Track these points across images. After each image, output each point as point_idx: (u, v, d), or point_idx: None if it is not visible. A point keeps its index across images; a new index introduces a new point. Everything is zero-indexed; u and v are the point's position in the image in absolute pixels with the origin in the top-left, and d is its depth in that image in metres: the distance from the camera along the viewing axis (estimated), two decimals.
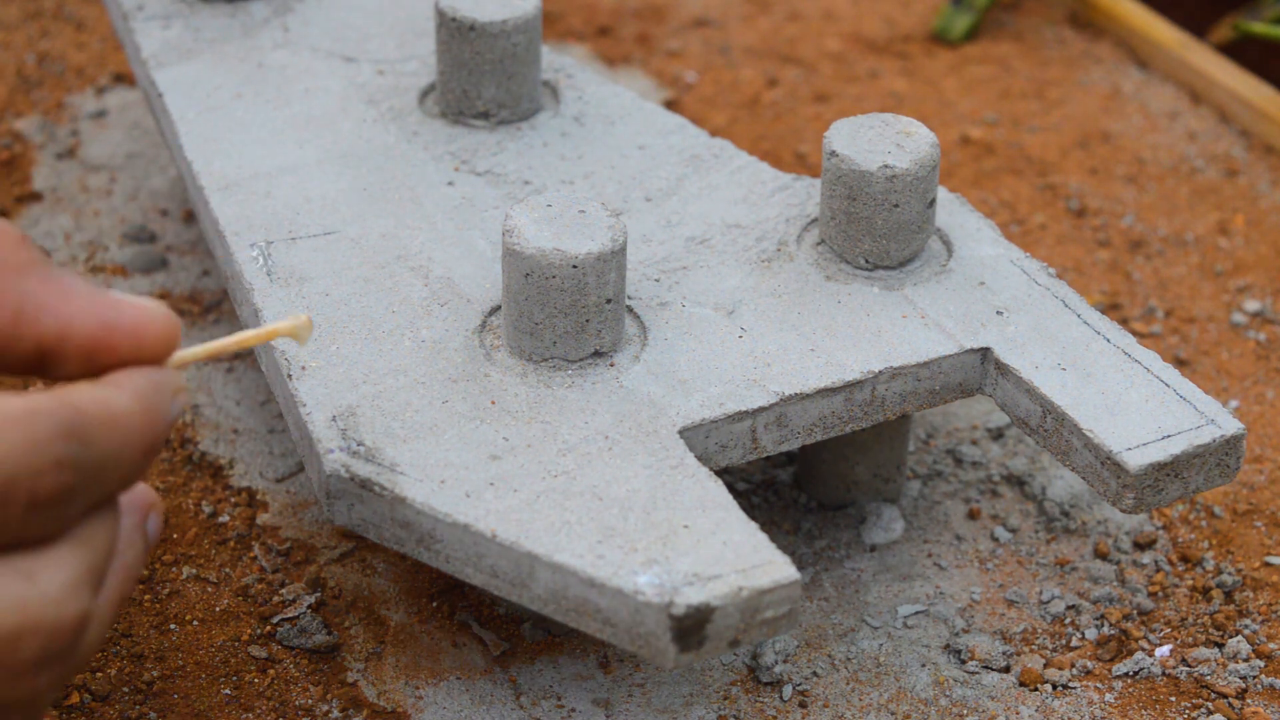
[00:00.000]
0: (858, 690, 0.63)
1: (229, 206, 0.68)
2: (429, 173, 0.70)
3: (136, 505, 0.50)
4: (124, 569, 0.49)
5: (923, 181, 0.64)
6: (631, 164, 0.71)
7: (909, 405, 0.63)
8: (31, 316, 0.46)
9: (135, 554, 0.49)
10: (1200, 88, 0.95)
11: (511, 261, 0.60)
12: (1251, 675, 0.64)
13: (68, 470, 0.44)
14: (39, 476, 0.44)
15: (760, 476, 0.72)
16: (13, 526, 0.44)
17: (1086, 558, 0.69)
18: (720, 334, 0.63)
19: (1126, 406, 0.61)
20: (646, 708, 0.62)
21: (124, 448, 0.46)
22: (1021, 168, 0.90)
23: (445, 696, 0.62)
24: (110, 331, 0.47)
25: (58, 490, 0.44)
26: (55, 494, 0.44)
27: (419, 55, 0.76)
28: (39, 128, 0.90)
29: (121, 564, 0.49)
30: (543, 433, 0.59)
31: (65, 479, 0.44)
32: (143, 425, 0.46)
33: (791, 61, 0.98)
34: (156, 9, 0.79)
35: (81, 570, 0.45)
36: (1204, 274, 0.83)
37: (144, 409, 0.47)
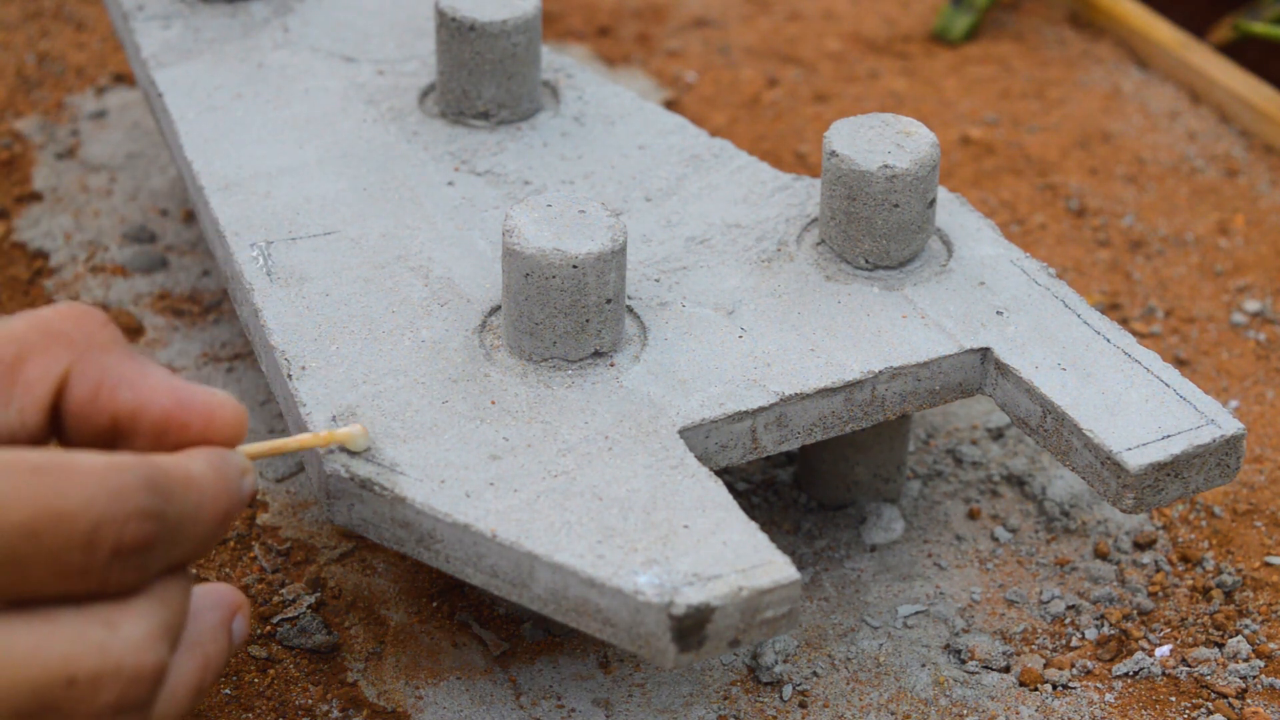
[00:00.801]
0: (858, 690, 0.63)
1: (229, 206, 0.68)
2: (429, 173, 0.70)
3: (223, 603, 0.52)
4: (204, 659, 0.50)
5: (923, 181, 0.64)
6: (631, 164, 0.71)
7: (909, 405, 0.63)
8: (110, 390, 0.49)
9: (219, 649, 0.51)
10: (1200, 88, 0.95)
11: (511, 261, 0.60)
12: (1251, 675, 0.64)
13: (151, 521, 0.46)
14: (125, 524, 0.45)
15: (760, 476, 0.72)
16: (97, 574, 0.45)
17: (1086, 558, 0.69)
18: (720, 334, 0.63)
19: (1126, 406, 0.61)
20: (646, 708, 0.62)
21: (200, 509, 0.48)
22: (1021, 168, 0.90)
23: (445, 696, 0.62)
24: (183, 410, 0.49)
25: (141, 540, 0.46)
26: (139, 544, 0.46)
27: (419, 55, 0.76)
28: (39, 128, 0.90)
29: (203, 654, 0.50)
30: (543, 433, 0.59)
31: (148, 529, 0.46)
32: (216, 492, 0.49)
33: (791, 61, 0.98)
34: (156, 9, 0.79)
35: (159, 624, 0.47)
36: (1204, 274, 0.83)
37: (217, 477, 0.49)
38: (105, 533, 0.45)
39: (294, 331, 0.62)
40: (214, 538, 0.49)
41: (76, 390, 0.48)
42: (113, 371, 0.49)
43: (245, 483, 0.50)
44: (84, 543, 0.45)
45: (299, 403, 0.59)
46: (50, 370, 0.48)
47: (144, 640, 0.46)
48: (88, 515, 0.45)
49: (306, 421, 0.59)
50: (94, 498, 0.45)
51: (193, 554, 0.49)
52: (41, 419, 0.48)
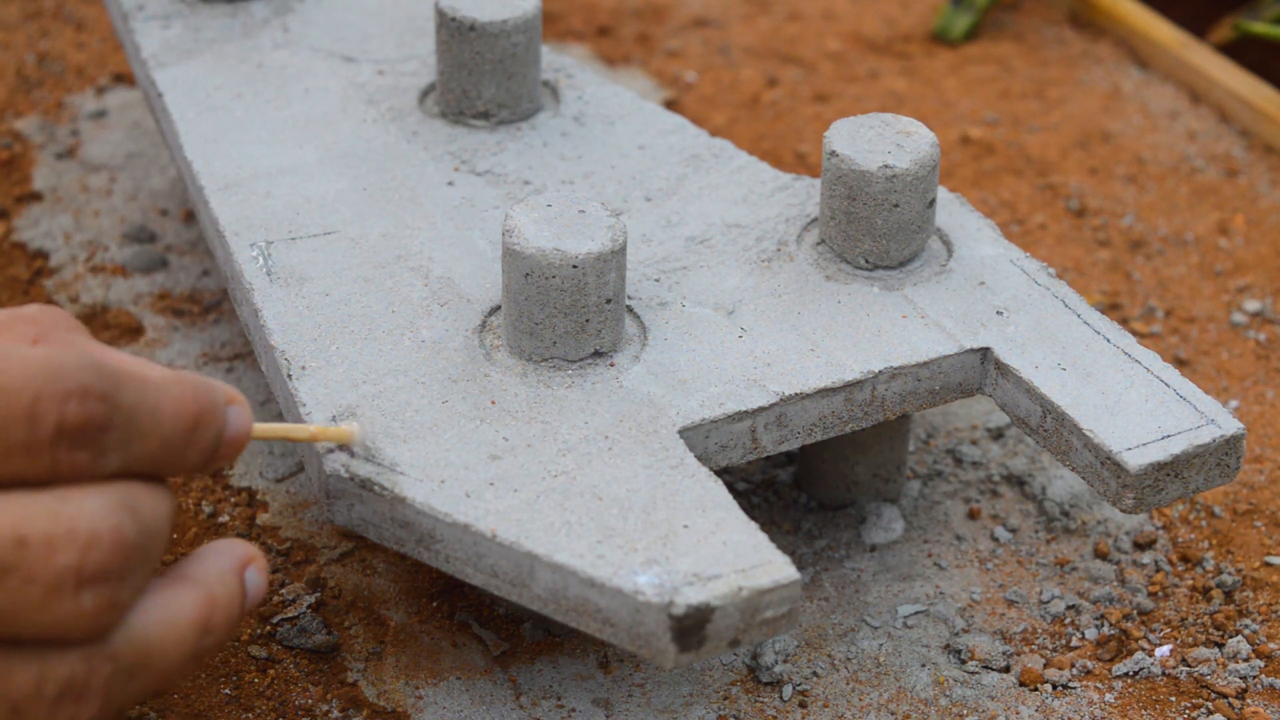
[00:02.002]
0: (858, 690, 0.63)
1: (229, 206, 0.68)
2: (429, 173, 0.70)
3: (232, 552, 0.51)
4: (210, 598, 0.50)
5: (923, 181, 0.64)
6: (631, 164, 0.71)
7: (909, 405, 0.63)
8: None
9: (227, 592, 0.50)
10: (1200, 88, 0.95)
11: (511, 261, 0.60)
12: (1251, 675, 0.64)
13: (96, 402, 0.46)
14: (66, 400, 0.45)
15: (760, 476, 0.72)
16: (44, 453, 0.45)
17: (1086, 558, 0.69)
18: (720, 334, 0.63)
19: (1126, 406, 0.61)
20: (646, 708, 0.62)
21: (158, 407, 0.48)
22: (1021, 168, 0.90)
23: (445, 696, 0.62)
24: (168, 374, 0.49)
25: (86, 420, 0.46)
26: (84, 423, 0.46)
27: (419, 55, 0.76)
28: (39, 128, 0.90)
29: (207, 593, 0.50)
30: (543, 433, 0.59)
31: (94, 410, 0.46)
32: (180, 396, 0.48)
33: (791, 61, 0.98)
34: (156, 9, 0.79)
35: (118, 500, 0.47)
36: (1204, 274, 0.83)
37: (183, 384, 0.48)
38: (46, 407, 0.45)
39: (294, 331, 0.62)
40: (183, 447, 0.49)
41: None
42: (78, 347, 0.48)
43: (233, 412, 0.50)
44: (25, 417, 0.45)
45: (299, 403, 0.59)
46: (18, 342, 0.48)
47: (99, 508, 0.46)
48: (28, 389, 0.45)
49: (307, 422, 0.59)
50: (34, 374, 0.45)
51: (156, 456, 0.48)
52: None
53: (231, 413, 0.50)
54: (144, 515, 0.47)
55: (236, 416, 0.50)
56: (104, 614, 0.46)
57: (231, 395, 0.50)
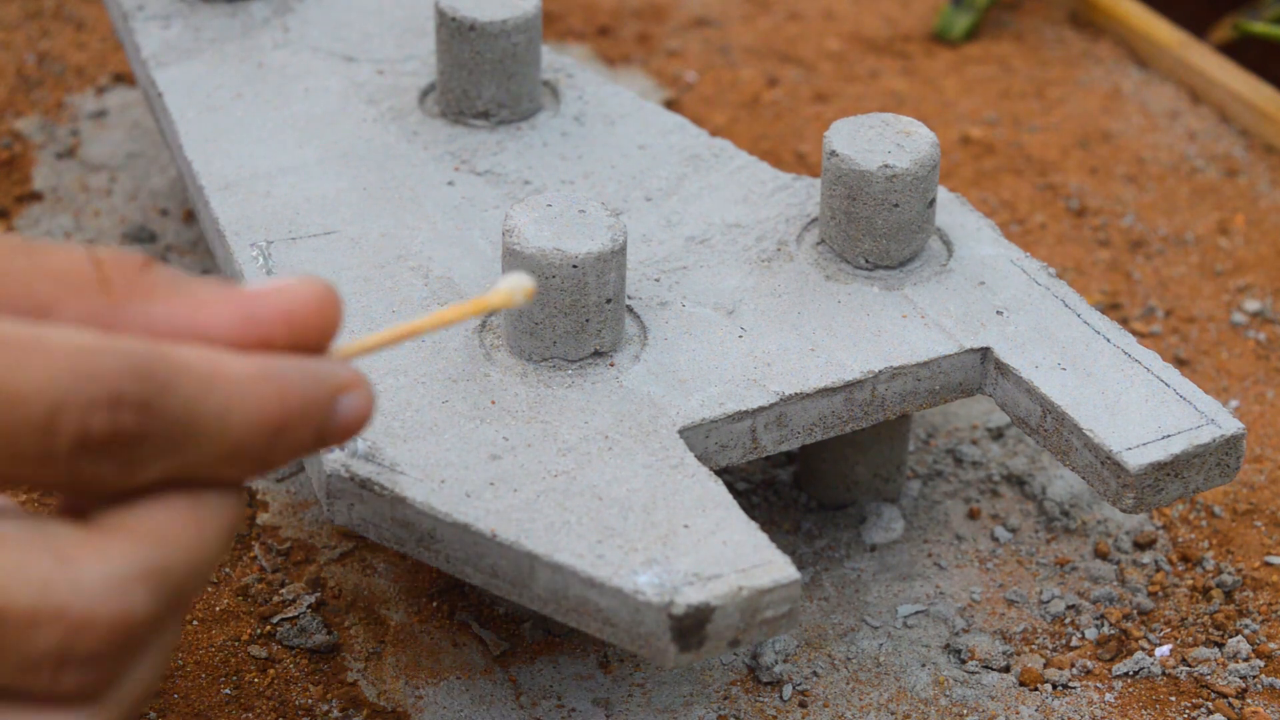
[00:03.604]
0: (858, 690, 0.63)
1: (229, 206, 0.68)
2: (429, 172, 0.70)
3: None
4: None
5: (923, 181, 0.64)
6: (631, 164, 0.71)
7: (909, 405, 0.63)
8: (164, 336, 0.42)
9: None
10: (1200, 88, 0.95)
11: (511, 261, 0.60)
12: (1251, 675, 0.64)
13: (130, 410, 0.39)
14: (91, 410, 0.39)
15: (760, 476, 0.72)
16: (60, 465, 0.39)
17: (1086, 558, 0.69)
18: (720, 334, 0.63)
19: (1126, 406, 0.61)
20: (646, 708, 0.62)
21: (227, 413, 0.41)
22: (1021, 167, 0.90)
23: (445, 696, 0.62)
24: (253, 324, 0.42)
25: (115, 432, 0.39)
26: (112, 436, 0.39)
27: (419, 55, 0.76)
28: (39, 128, 0.90)
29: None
30: (543, 432, 0.59)
31: (127, 421, 0.39)
32: (263, 399, 0.41)
33: (791, 61, 0.98)
34: (156, 9, 0.79)
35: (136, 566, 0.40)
36: (1204, 274, 0.83)
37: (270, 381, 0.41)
38: (66, 418, 0.39)
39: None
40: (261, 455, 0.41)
41: None
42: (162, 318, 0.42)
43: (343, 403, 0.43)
44: (40, 427, 0.39)
45: None
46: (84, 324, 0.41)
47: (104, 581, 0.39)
48: (45, 396, 0.39)
49: None
50: (57, 377, 0.39)
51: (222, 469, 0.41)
52: None
53: (343, 404, 0.43)
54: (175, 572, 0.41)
55: (349, 405, 0.43)
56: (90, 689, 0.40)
57: (346, 383, 0.43)
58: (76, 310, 0.42)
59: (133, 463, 0.40)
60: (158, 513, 0.41)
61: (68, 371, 0.39)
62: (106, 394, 0.39)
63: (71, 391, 0.39)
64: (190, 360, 0.41)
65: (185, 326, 0.42)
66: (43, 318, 0.41)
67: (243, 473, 0.42)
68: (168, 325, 0.42)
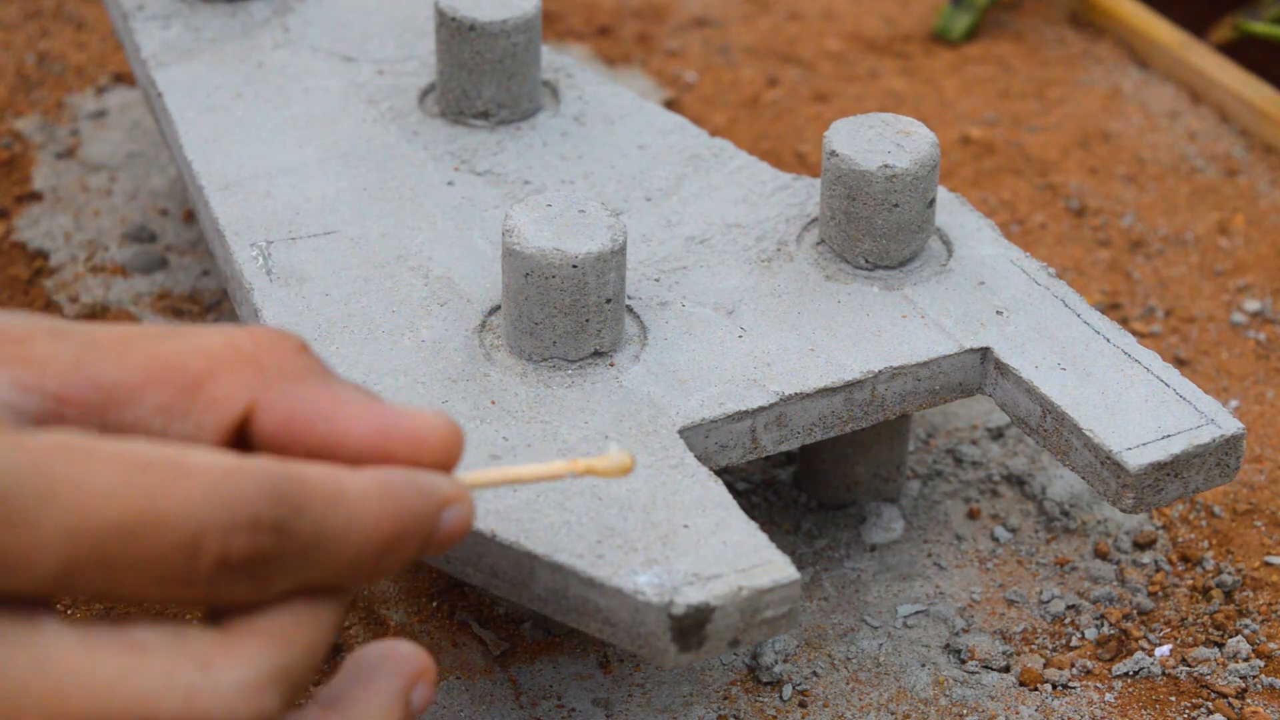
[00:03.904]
0: (858, 690, 0.63)
1: (229, 206, 0.68)
2: (429, 172, 0.70)
3: (405, 670, 0.46)
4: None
5: (923, 181, 0.64)
6: (631, 164, 0.71)
7: (909, 405, 0.63)
8: (304, 423, 0.45)
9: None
10: (1200, 88, 0.95)
11: (511, 261, 0.60)
12: (1251, 675, 0.64)
13: (267, 534, 0.42)
14: (232, 534, 0.41)
15: (760, 476, 0.72)
16: (201, 584, 0.41)
17: (1086, 558, 0.69)
18: (720, 334, 0.63)
19: (1126, 406, 0.61)
20: (646, 708, 0.62)
21: (348, 531, 0.43)
22: (1021, 168, 0.90)
23: (445, 696, 0.62)
24: (386, 439, 0.45)
25: (254, 554, 0.42)
26: (250, 557, 0.42)
27: (419, 55, 0.76)
28: (39, 128, 0.90)
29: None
30: (543, 432, 0.59)
31: (263, 543, 0.42)
32: (379, 516, 0.44)
33: (791, 61, 0.98)
34: (156, 9, 0.79)
35: (267, 669, 0.42)
36: (1204, 274, 0.83)
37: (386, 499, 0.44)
38: (209, 542, 0.41)
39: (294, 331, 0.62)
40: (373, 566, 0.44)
41: (265, 421, 0.45)
42: (307, 403, 0.45)
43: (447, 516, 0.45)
44: (185, 550, 0.41)
45: None
46: (237, 394, 0.44)
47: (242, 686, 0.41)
48: (190, 521, 0.41)
49: None
50: (201, 502, 0.41)
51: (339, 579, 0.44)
52: (220, 441, 0.45)
53: (446, 517, 0.45)
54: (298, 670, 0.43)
55: (452, 518, 0.46)
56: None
57: (450, 497, 0.46)
58: (227, 385, 0.44)
59: (266, 579, 0.42)
60: (283, 616, 0.43)
61: (210, 496, 0.41)
62: (246, 518, 0.41)
63: (214, 516, 0.41)
64: (316, 481, 0.43)
65: (325, 422, 0.45)
66: (196, 392, 0.44)
67: (355, 580, 0.44)
68: (310, 414, 0.45)
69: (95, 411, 0.44)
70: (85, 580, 0.41)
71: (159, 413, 0.44)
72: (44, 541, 0.40)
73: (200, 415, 0.44)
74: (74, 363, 0.44)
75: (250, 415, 0.45)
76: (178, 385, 0.44)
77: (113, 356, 0.44)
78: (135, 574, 0.41)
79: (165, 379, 0.44)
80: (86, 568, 0.41)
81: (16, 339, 0.44)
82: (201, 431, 0.44)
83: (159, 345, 0.45)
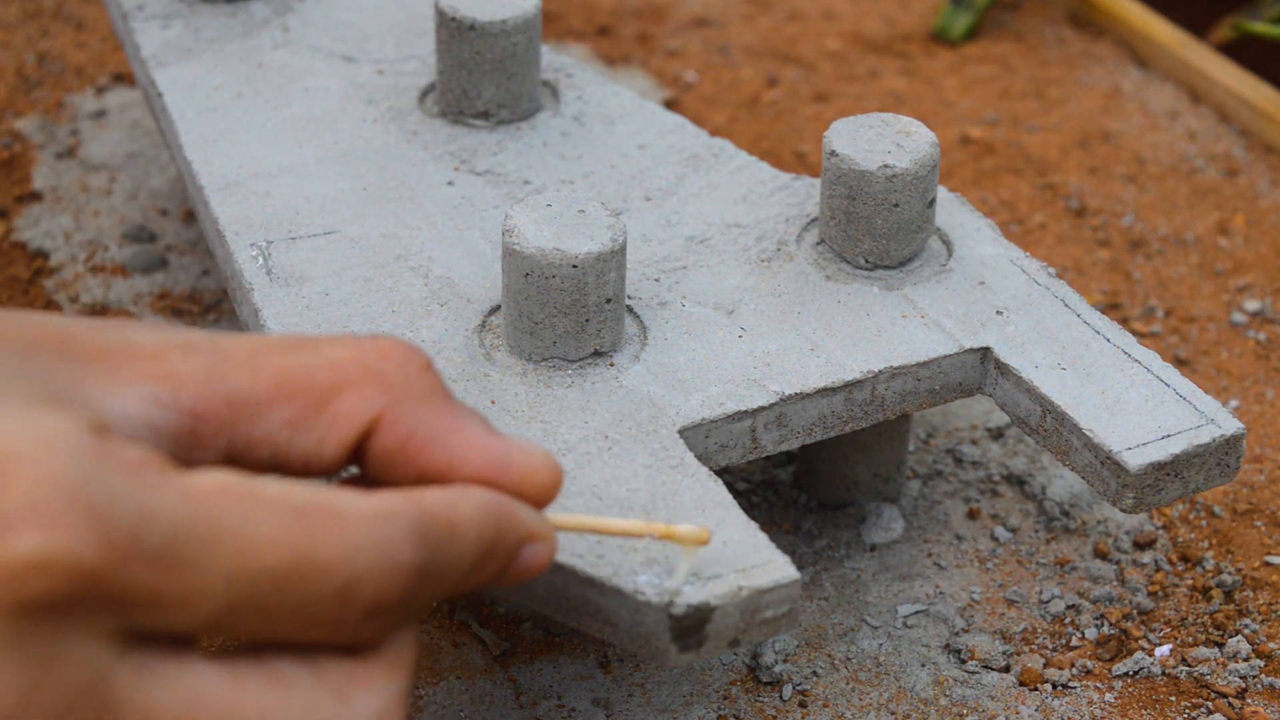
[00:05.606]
0: (858, 690, 0.63)
1: (229, 206, 0.68)
2: (429, 172, 0.70)
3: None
4: None
5: (923, 181, 0.64)
6: (631, 164, 0.71)
7: (909, 405, 0.63)
8: (421, 445, 0.46)
9: None
10: (1200, 88, 0.95)
11: (511, 261, 0.60)
12: (1251, 675, 0.64)
13: (414, 577, 0.43)
14: (386, 580, 0.42)
15: (760, 476, 0.72)
16: (349, 629, 0.43)
17: (1086, 557, 0.69)
18: (720, 334, 0.63)
19: (1126, 406, 0.61)
20: (646, 707, 0.62)
21: (461, 561, 0.45)
22: (1021, 167, 0.90)
23: (445, 696, 0.62)
24: (497, 473, 0.47)
25: (401, 597, 0.43)
26: (398, 601, 0.43)
27: (419, 55, 0.76)
28: (39, 128, 0.90)
29: None
30: (542, 432, 0.59)
31: (410, 586, 0.43)
32: (477, 543, 0.45)
33: (791, 61, 0.98)
34: (156, 9, 0.79)
35: (396, 695, 0.44)
36: (1204, 274, 0.83)
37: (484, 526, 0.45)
38: (364, 589, 0.42)
39: (294, 331, 0.62)
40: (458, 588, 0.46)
41: (385, 438, 0.46)
42: (426, 425, 0.46)
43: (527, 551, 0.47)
44: (338, 597, 0.42)
45: None
46: (362, 411, 0.46)
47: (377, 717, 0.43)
48: (347, 568, 0.42)
49: None
50: (357, 550, 0.42)
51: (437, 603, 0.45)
52: (341, 455, 0.46)
53: (527, 551, 0.47)
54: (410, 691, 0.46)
55: (531, 554, 0.47)
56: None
57: (536, 533, 0.47)
58: (352, 401, 0.46)
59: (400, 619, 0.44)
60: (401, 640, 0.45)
61: (363, 544, 0.42)
62: (400, 565, 0.43)
63: (368, 564, 0.42)
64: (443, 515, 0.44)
65: (443, 447, 0.46)
66: (322, 407, 0.45)
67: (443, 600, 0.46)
68: (429, 436, 0.46)
69: (226, 426, 0.45)
70: (239, 623, 0.42)
71: (285, 427, 0.45)
72: (206, 586, 0.41)
73: (325, 430, 0.45)
74: (206, 378, 0.45)
75: (371, 430, 0.46)
76: (305, 400, 0.45)
77: (243, 370, 0.45)
78: (289, 618, 0.42)
79: (293, 393, 0.45)
80: (243, 611, 0.41)
81: (151, 354, 0.45)
82: (324, 446, 0.45)
83: (287, 358, 0.46)
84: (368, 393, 0.46)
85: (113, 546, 0.39)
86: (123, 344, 0.45)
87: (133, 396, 0.44)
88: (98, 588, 0.39)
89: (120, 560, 0.39)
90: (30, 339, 0.44)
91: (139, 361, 0.45)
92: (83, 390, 0.43)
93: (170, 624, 0.41)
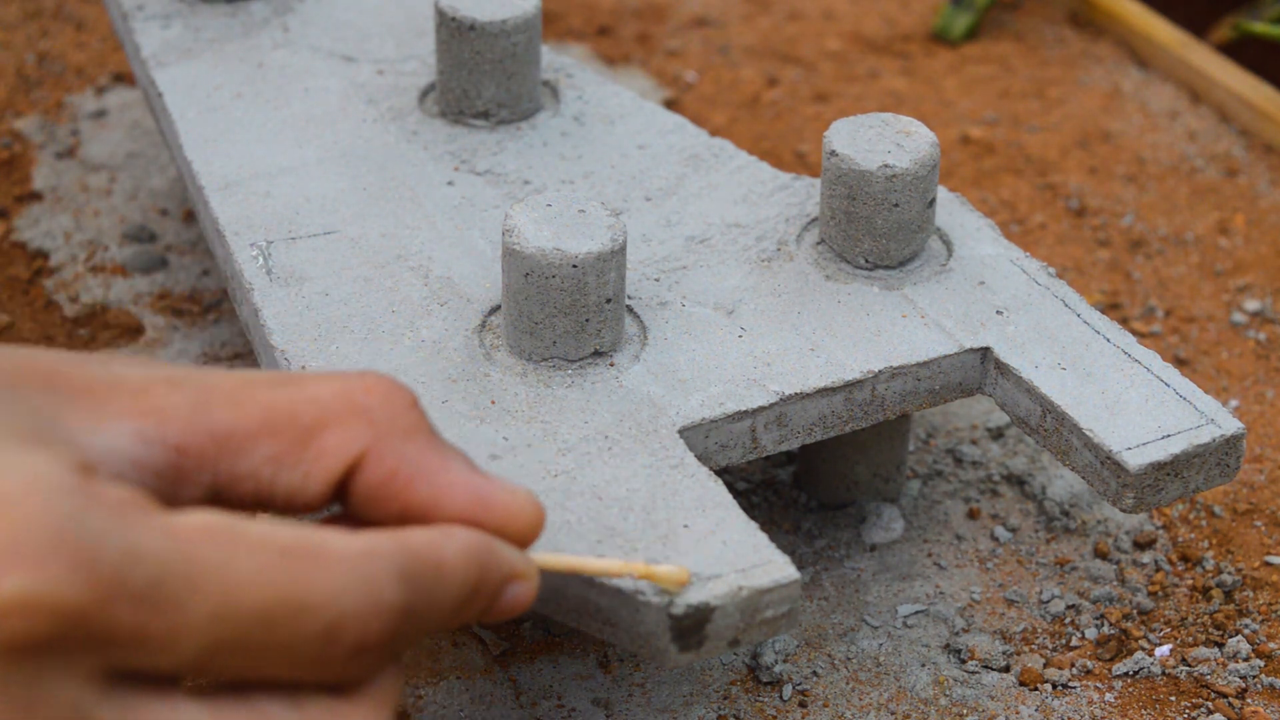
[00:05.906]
0: (858, 690, 0.63)
1: (229, 206, 0.68)
2: (429, 172, 0.70)
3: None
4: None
5: (923, 181, 0.64)
6: (631, 163, 0.71)
7: (909, 405, 0.63)
8: (405, 481, 0.47)
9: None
10: (1200, 88, 0.95)
11: (511, 261, 0.60)
12: (1251, 675, 0.64)
13: (399, 617, 0.43)
14: (371, 620, 0.43)
15: (760, 476, 0.72)
16: (334, 667, 0.43)
17: (1086, 557, 0.69)
18: (720, 334, 0.63)
19: (1126, 406, 0.61)
20: (646, 707, 0.62)
21: (445, 600, 0.45)
22: (1021, 167, 0.90)
23: (445, 696, 0.62)
24: (481, 511, 0.47)
25: (386, 637, 0.43)
26: (383, 640, 0.43)
27: (419, 55, 0.76)
28: (39, 128, 0.90)
29: None
30: (542, 432, 0.59)
31: (394, 625, 0.43)
32: (462, 584, 0.46)
33: (791, 61, 0.98)
34: (156, 9, 0.79)
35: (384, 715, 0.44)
36: (1204, 274, 0.83)
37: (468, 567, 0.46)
38: (348, 628, 0.42)
39: (294, 331, 0.62)
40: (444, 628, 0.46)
41: (370, 474, 0.46)
42: (411, 462, 0.47)
43: (510, 590, 0.47)
44: (322, 637, 0.42)
45: None
46: (347, 447, 0.46)
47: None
48: (332, 608, 0.42)
49: None
50: (342, 590, 0.42)
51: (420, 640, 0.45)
52: (325, 491, 0.46)
53: (510, 590, 0.47)
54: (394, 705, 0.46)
55: (514, 592, 0.48)
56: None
57: (519, 573, 0.48)
58: (338, 437, 0.46)
59: (386, 656, 0.44)
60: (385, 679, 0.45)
61: (348, 585, 0.42)
62: (386, 605, 0.43)
63: (353, 605, 0.42)
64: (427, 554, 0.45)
65: (427, 485, 0.47)
66: (307, 443, 0.45)
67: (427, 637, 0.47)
68: (412, 473, 0.46)
69: (210, 461, 0.45)
70: (224, 662, 0.42)
71: (270, 463, 0.45)
72: (190, 626, 0.41)
73: (309, 465, 0.46)
74: (191, 413, 0.45)
75: (356, 466, 0.46)
76: (290, 436, 0.45)
77: (228, 406, 0.45)
78: (273, 657, 0.42)
79: (278, 429, 0.45)
80: (227, 651, 0.41)
81: (137, 389, 0.45)
82: (309, 481, 0.46)
83: (272, 394, 0.46)
84: (353, 429, 0.46)
85: (97, 587, 0.39)
86: (108, 379, 0.45)
87: (118, 432, 0.44)
88: (82, 628, 0.39)
89: (105, 600, 0.39)
90: (14, 373, 0.44)
91: (124, 397, 0.45)
92: (68, 426, 0.43)
93: (154, 664, 0.41)
